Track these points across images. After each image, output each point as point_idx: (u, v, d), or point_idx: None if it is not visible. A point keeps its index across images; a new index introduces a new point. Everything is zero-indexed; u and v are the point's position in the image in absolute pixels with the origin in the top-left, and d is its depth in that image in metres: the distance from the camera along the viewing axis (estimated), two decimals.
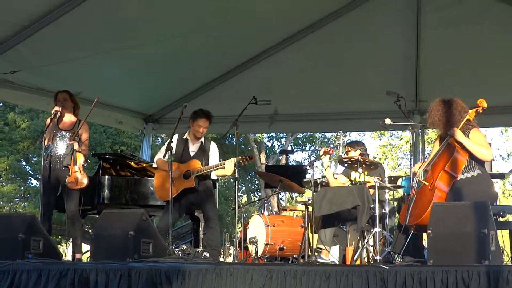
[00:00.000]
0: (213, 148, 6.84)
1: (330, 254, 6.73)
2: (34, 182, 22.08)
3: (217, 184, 8.43)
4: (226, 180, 24.82)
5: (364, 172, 6.61)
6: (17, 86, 8.24)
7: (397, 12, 8.54)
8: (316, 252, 6.62)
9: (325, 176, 7.47)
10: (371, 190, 6.34)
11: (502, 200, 17.59)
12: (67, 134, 6.77)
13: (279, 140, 26.87)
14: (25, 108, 19.45)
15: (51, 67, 7.99)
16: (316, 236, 6.80)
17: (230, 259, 8.77)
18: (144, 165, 8.47)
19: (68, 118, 6.89)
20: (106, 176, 7.69)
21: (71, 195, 6.63)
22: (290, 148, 25.52)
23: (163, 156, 6.64)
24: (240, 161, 6.53)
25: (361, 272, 4.23)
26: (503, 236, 5.67)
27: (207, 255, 6.48)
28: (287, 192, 9.59)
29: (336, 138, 24.55)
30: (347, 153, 7.13)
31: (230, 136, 19.05)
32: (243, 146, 23.92)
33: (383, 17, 8.59)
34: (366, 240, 6.08)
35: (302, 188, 7.90)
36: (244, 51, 9.19)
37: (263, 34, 8.81)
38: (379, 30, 8.74)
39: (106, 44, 7.99)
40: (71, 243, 7.64)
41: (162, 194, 6.74)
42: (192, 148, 6.79)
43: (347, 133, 18.85)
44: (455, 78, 8.77)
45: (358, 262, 6.06)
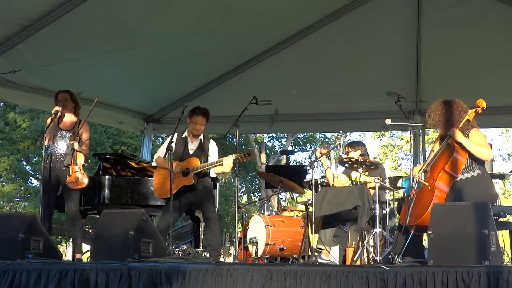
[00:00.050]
0: (212, 146, 6.85)
1: (330, 254, 6.73)
2: (35, 182, 22.12)
3: (217, 184, 8.44)
4: (226, 180, 24.83)
5: (365, 173, 6.61)
6: (17, 86, 8.24)
7: (397, 12, 8.54)
8: (316, 253, 6.62)
9: (325, 177, 7.47)
10: (371, 191, 6.34)
11: (503, 201, 17.54)
12: (67, 134, 6.76)
13: (280, 140, 26.91)
14: (25, 108, 19.46)
15: (52, 67, 7.99)
16: (316, 236, 6.80)
17: (230, 259, 8.77)
18: (144, 165, 8.47)
19: (69, 118, 6.88)
20: (107, 176, 7.69)
21: (72, 195, 6.62)
22: (290, 148, 25.53)
23: (163, 156, 6.66)
24: (238, 157, 6.54)
25: (361, 273, 4.23)
26: (503, 236, 5.67)
27: (207, 255, 6.49)
28: (288, 193, 9.57)
29: (337, 138, 24.66)
30: (347, 153, 7.12)
31: (231, 136, 19.06)
32: (243, 146, 23.93)
33: (384, 17, 8.59)
34: (367, 240, 6.08)
35: (303, 188, 7.89)
36: (245, 51, 9.19)
37: (264, 34, 8.81)
38: (380, 30, 8.74)
39: (106, 44, 7.99)
40: (71, 243, 7.63)
41: (161, 192, 6.77)
42: (191, 146, 6.81)
43: (348, 133, 18.90)
44: (456, 78, 8.76)
45: (358, 263, 6.06)
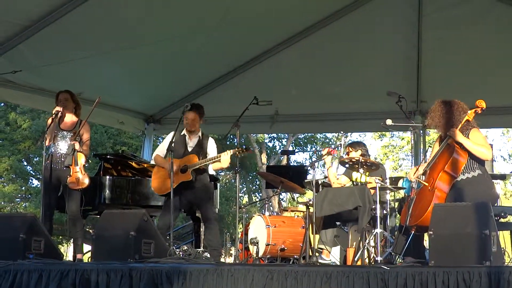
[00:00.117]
0: (211, 144, 6.85)
1: (331, 254, 6.73)
2: (35, 182, 22.14)
3: (218, 184, 8.43)
4: (227, 181, 24.84)
5: (365, 173, 6.60)
6: (18, 86, 8.25)
7: (398, 13, 8.54)
8: (317, 253, 6.61)
9: (326, 177, 7.46)
10: (372, 191, 6.34)
11: (504, 201, 17.58)
12: (68, 134, 6.76)
13: (280, 140, 26.91)
14: (26, 108, 19.46)
15: (52, 67, 7.99)
16: (317, 236, 6.80)
17: (231, 260, 8.76)
18: (145, 165, 8.47)
19: (69, 118, 6.88)
20: (107, 177, 7.69)
21: (72, 195, 6.62)
22: (291, 148, 25.52)
23: (164, 156, 6.65)
24: (236, 153, 6.54)
25: (362, 273, 4.22)
26: (504, 237, 5.68)
27: (208, 256, 6.49)
28: (288, 193, 9.57)
29: (337, 138, 24.66)
30: (348, 153, 7.11)
31: (231, 136, 19.05)
32: (244, 147, 23.88)
33: (384, 17, 8.59)
34: (367, 240, 6.07)
35: (303, 188, 7.89)
36: (245, 51, 9.19)
37: (264, 35, 8.81)
38: (380, 31, 8.74)
39: (107, 44, 7.99)
40: (72, 244, 7.63)
41: (160, 190, 6.78)
42: (190, 144, 6.81)
43: (348, 133, 18.89)
44: (456, 78, 8.76)
45: (359, 263, 6.05)
